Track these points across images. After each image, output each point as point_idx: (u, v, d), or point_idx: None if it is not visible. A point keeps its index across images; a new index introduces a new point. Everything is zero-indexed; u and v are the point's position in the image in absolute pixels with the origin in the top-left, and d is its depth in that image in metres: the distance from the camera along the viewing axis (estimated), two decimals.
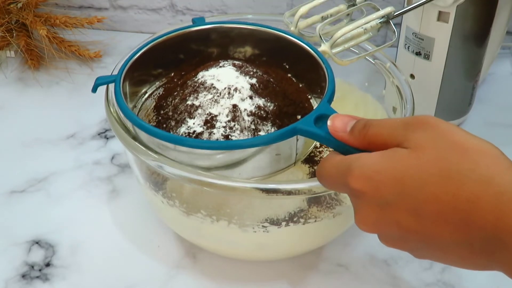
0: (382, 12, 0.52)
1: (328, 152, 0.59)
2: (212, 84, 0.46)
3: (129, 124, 0.46)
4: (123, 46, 0.82)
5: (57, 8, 0.83)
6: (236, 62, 0.49)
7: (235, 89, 0.46)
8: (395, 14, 0.52)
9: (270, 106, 0.46)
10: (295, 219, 0.48)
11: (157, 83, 0.53)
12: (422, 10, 0.60)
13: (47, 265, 0.54)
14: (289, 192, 0.43)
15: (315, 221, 0.48)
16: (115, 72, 0.53)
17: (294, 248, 0.52)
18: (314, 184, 0.43)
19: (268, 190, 0.43)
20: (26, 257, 0.55)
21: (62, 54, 0.78)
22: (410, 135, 0.34)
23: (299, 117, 0.47)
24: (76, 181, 0.63)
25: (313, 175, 0.56)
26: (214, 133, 0.44)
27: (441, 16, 0.60)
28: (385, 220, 0.35)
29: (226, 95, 0.46)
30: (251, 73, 0.48)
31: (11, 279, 0.53)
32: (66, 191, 0.62)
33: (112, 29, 0.86)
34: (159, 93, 0.52)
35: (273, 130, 0.46)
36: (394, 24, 0.52)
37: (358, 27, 0.51)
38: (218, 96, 0.46)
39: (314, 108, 0.47)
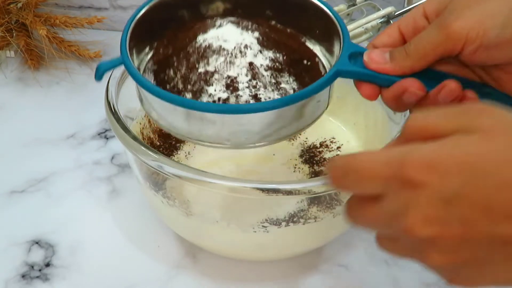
0: (382, 12, 0.52)
1: (328, 153, 0.59)
2: (220, 45, 0.45)
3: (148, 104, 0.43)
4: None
5: (57, 8, 0.83)
6: (232, 18, 0.47)
7: (245, 46, 0.45)
8: (395, 14, 0.52)
9: (279, 57, 0.45)
10: (295, 219, 0.48)
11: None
12: None
13: (47, 265, 0.54)
14: (289, 192, 0.43)
15: (315, 221, 0.48)
16: (116, 73, 0.53)
17: (294, 248, 0.52)
18: (314, 184, 0.43)
19: (268, 190, 0.43)
20: (26, 257, 0.55)
21: (62, 54, 0.78)
22: (474, 120, 0.30)
23: (305, 61, 0.46)
24: (76, 181, 0.63)
25: (313, 175, 0.56)
26: (240, 95, 0.42)
27: None
28: (450, 216, 0.29)
29: (239, 54, 0.44)
30: (250, 27, 0.47)
31: (11, 279, 0.53)
32: (66, 191, 0.62)
33: (112, 29, 0.86)
34: (152, 69, 0.48)
35: (291, 79, 0.45)
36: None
37: (358, 27, 0.51)
38: (230, 57, 0.44)
39: (312, 49, 0.47)
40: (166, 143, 0.59)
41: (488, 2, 0.37)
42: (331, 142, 0.61)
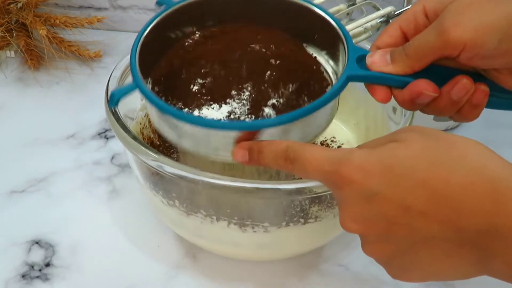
0: (382, 11, 0.52)
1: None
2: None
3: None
4: (123, 46, 0.82)
5: (57, 8, 0.83)
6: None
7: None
8: (395, 13, 0.52)
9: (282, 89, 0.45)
10: (295, 219, 0.48)
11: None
12: None
13: (47, 265, 0.54)
14: (289, 192, 0.43)
15: (315, 221, 0.48)
16: (116, 73, 0.53)
17: (294, 248, 0.52)
18: (314, 184, 0.43)
19: (268, 190, 0.43)
20: (26, 257, 0.55)
21: (62, 54, 0.78)
22: (399, 133, 0.35)
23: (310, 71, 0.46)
24: (76, 181, 0.63)
25: None
26: (251, 110, 0.42)
27: None
28: (372, 213, 0.33)
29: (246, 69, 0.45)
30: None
31: (11, 279, 0.53)
32: (66, 191, 0.62)
33: (112, 29, 0.86)
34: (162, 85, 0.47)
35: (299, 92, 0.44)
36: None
37: (358, 27, 0.51)
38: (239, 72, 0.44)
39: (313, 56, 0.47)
40: (166, 143, 0.59)
41: (487, 12, 0.37)
42: (332, 141, 0.61)
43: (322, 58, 0.48)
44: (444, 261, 0.33)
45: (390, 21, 0.52)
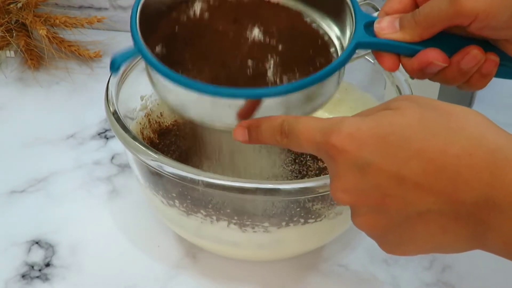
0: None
1: None
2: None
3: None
4: (123, 46, 0.82)
5: (57, 8, 0.83)
6: None
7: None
8: None
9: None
10: (295, 219, 0.48)
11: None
12: None
13: (47, 265, 0.54)
14: (288, 193, 0.43)
15: (315, 221, 0.48)
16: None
17: (294, 248, 0.52)
18: (314, 184, 0.43)
19: (268, 190, 0.43)
20: (26, 257, 0.55)
21: (62, 54, 0.78)
22: (393, 102, 0.34)
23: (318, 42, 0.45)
24: (76, 181, 0.63)
25: (317, 171, 0.56)
26: (263, 76, 0.41)
27: None
28: (364, 184, 0.32)
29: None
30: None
31: (11, 279, 0.53)
32: (66, 191, 0.62)
33: (112, 29, 0.86)
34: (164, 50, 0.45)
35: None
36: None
37: None
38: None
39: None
40: (166, 141, 0.59)
41: None
42: None
43: (327, 25, 0.47)
44: (439, 236, 0.32)
45: None
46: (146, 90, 0.58)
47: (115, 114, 0.49)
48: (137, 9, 0.43)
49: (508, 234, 0.30)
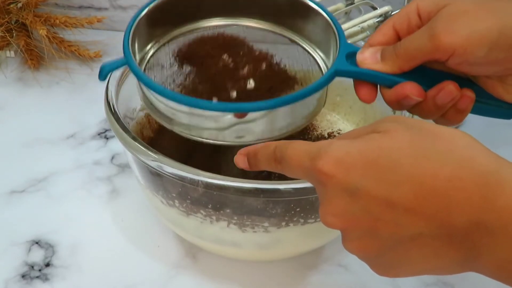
0: (379, 11, 0.52)
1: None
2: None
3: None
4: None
5: (57, 8, 0.83)
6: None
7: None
8: (392, 13, 0.52)
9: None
10: (295, 219, 0.48)
11: (162, 40, 0.51)
12: None
13: (47, 265, 0.54)
14: (288, 193, 0.43)
15: (315, 221, 0.48)
16: (116, 73, 0.53)
17: (294, 248, 0.52)
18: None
19: (268, 190, 0.43)
20: (26, 257, 0.55)
21: (62, 54, 0.78)
22: (379, 123, 0.33)
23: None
24: (76, 181, 0.63)
25: None
26: (240, 94, 0.44)
27: None
28: (354, 209, 0.31)
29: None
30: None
31: (11, 279, 0.53)
32: (66, 191, 0.62)
33: (112, 29, 0.86)
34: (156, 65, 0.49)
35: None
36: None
37: (354, 26, 0.51)
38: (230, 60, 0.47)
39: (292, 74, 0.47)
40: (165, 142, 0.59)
41: (480, 21, 0.37)
42: (338, 133, 0.61)
43: (316, 54, 0.49)
44: (431, 259, 0.31)
45: None
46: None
47: (115, 114, 0.49)
48: (132, 25, 0.46)
49: (500, 258, 0.30)
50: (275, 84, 0.46)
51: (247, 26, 0.51)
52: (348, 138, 0.34)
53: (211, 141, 0.44)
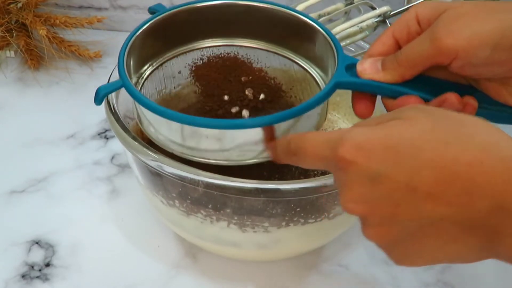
0: (377, 11, 0.52)
1: None
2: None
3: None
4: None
5: (57, 8, 0.83)
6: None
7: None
8: (391, 13, 0.52)
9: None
10: (295, 219, 0.48)
11: (158, 61, 0.52)
12: None
13: (47, 265, 0.55)
14: (288, 193, 0.43)
15: (315, 221, 0.48)
16: (116, 73, 0.53)
17: (294, 248, 0.52)
18: (315, 184, 0.43)
19: (268, 190, 0.43)
20: (26, 257, 0.55)
21: (62, 54, 0.78)
22: (402, 112, 0.33)
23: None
24: (76, 181, 0.63)
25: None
26: (238, 111, 0.45)
27: None
28: (375, 195, 0.31)
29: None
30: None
31: (11, 279, 0.53)
32: (66, 191, 0.62)
33: (112, 29, 0.86)
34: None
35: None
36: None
37: (353, 26, 0.51)
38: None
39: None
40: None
41: (481, 22, 0.37)
42: None
43: (312, 69, 0.50)
44: (451, 245, 0.31)
45: (387, 21, 0.52)
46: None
47: (115, 114, 0.49)
48: (126, 46, 0.46)
49: None
50: (275, 103, 0.47)
51: (241, 46, 0.52)
52: (368, 125, 0.33)
53: (212, 161, 0.44)
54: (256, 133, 0.41)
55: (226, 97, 0.47)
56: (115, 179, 0.63)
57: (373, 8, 0.52)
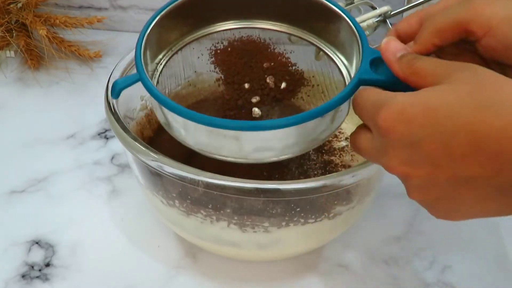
0: (378, 11, 0.52)
1: (337, 143, 0.59)
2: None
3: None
4: (123, 46, 0.82)
5: (57, 8, 0.83)
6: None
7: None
8: (391, 13, 0.52)
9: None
10: (295, 219, 0.48)
11: (176, 46, 0.50)
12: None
13: (47, 265, 0.55)
14: (288, 193, 0.43)
15: (315, 221, 0.48)
16: (116, 73, 0.53)
17: (294, 248, 0.52)
18: (315, 184, 0.43)
19: (268, 190, 0.43)
20: (26, 257, 0.55)
21: (62, 54, 0.78)
22: (450, 73, 0.34)
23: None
24: (76, 181, 0.63)
25: (322, 164, 0.56)
26: (261, 111, 0.45)
27: None
28: (415, 158, 0.33)
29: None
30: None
31: (11, 279, 0.53)
32: (66, 191, 0.62)
33: (112, 29, 0.86)
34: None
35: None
36: (394, 24, 0.52)
37: None
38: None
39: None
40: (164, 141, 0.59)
41: None
42: (339, 132, 0.61)
43: (339, 60, 0.48)
44: (485, 202, 0.33)
45: (387, 21, 0.52)
46: (146, 91, 0.57)
47: (115, 114, 0.49)
48: (142, 39, 0.44)
49: None
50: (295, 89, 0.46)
51: (263, 29, 0.50)
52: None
53: (231, 159, 0.42)
54: (272, 135, 0.40)
55: (246, 85, 0.46)
56: (115, 179, 0.63)
57: (374, 8, 0.52)
